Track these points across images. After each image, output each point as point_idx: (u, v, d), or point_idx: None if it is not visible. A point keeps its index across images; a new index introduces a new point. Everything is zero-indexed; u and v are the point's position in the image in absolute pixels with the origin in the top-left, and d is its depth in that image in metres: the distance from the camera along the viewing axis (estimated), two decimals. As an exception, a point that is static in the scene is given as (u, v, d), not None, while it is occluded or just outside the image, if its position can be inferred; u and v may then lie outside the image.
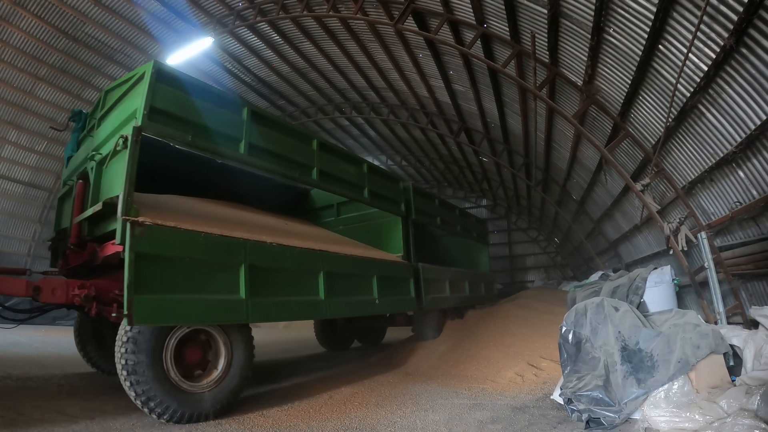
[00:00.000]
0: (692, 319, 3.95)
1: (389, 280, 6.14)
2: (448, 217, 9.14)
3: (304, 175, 5.10)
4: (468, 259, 10.89)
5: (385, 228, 7.16)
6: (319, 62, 12.27)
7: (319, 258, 4.88)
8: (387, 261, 6.29)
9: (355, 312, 5.76)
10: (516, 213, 22.52)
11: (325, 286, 4.84)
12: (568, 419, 3.63)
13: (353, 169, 6.00)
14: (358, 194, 6.12)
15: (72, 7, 9.83)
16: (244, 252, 3.93)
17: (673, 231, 6.18)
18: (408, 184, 7.48)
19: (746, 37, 3.87)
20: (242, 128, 4.28)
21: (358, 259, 5.64)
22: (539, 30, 6.68)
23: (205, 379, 3.80)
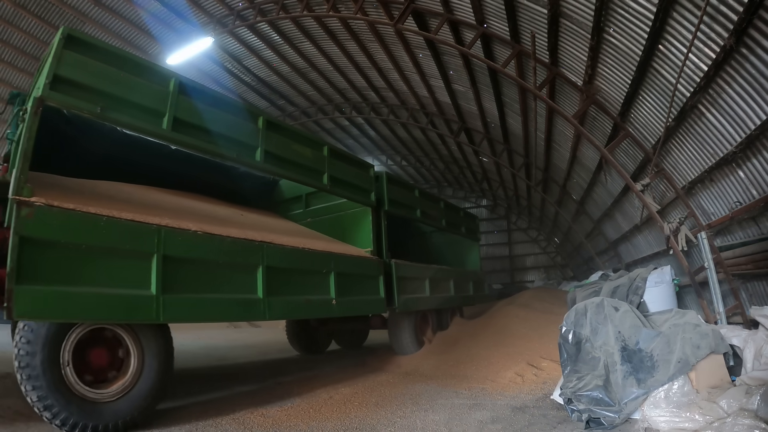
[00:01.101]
0: (692, 319, 3.95)
1: (352, 278, 5.47)
2: (431, 209, 8.35)
3: (244, 156, 4.47)
4: (456, 257, 10.15)
5: (354, 220, 6.43)
6: (319, 62, 12.27)
7: (259, 250, 4.25)
8: (349, 256, 5.57)
9: (303, 314, 5.21)
10: (516, 213, 22.53)
11: (264, 283, 4.21)
12: (568, 419, 3.63)
13: (310, 152, 5.32)
14: (316, 180, 5.39)
15: (72, 7, 9.83)
16: (157, 240, 3.40)
17: (673, 231, 6.18)
18: (381, 171, 6.77)
19: (746, 37, 3.87)
20: (167, 101, 3.77)
21: (311, 253, 4.93)
22: (539, 30, 6.68)
23: (111, 387, 3.29)
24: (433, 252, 9.83)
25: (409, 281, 6.75)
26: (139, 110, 3.61)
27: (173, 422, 3.67)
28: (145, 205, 3.95)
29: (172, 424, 3.62)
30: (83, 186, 3.91)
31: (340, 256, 5.38)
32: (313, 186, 5.58)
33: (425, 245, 10.05)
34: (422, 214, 7.87)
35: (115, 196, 3.94)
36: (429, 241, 10.19)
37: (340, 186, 5.73)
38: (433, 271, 7.65)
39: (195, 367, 6.59)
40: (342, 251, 5.54)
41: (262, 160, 4.61)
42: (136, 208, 3.62)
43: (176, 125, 3.83)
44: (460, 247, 10.30)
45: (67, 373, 3.08)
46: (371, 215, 6.25)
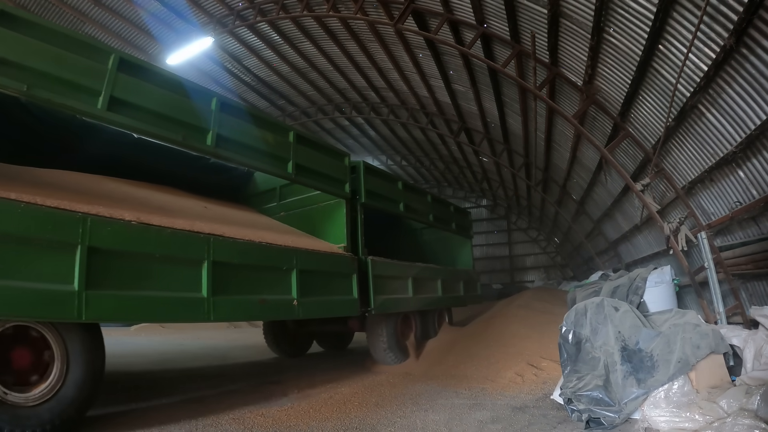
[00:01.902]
0: (692, 319, 3.95)
1: (319, 277, 5.02)
2: (416, 203, 7.77)
3: (193, 139, 4.06)
4: (447, 255, 9.60)
5: (326, 213, 5.93)
6: (319, 62, 12.27)
7: (204, 243, 3.81)
8: (316, 252, 5.09)
9: (256, 316, 4.70)
10: (516, 213, 22.53)
11: (210, 281, 3.79)
12: (568, 419, 3.63)
13: (272, 137, 4.86)
14: (279, 168, 4.95)
15: (72, 7, 9.83)
16: (82, 230, 3.10)
17: (673, 231, 6.18)
18: (359, 161, 6.27)
19: (746, 37, 3.87)
20: (104, 79, 3.48)
21: (268, 247, 4.48)
22: (539, 30, 6.68)
23: (33, 391, 2.99)
24: (423, 250, 9.42)
25: (389, 280, 6.24)
26: (72, 88, 3.32)
27: (173, 422, 3.67)
28: (84, 193, 3.62)
29: (171, 423, 3.62)
30: (23, 173, 3.65)
31: (304, 252, 4.87)
32: (275, 174, 5.12)
33: (415, 243, 9.63)
34: (406, 209, 7.32)
35: (57, 184, 3.60)
36: (419, 239, 9.73)
37: (308, 175, 5.25)
38: (416, 270, 7.07)
39: (195, 367, 6.60)
40: (308, 246, 5.04)
41: (214, 144, 4.19)
42: (68, 195, 3.31)
43: (114, 105, 3.51)
44: (452, 244, 9.74)
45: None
46: (345, 208, 5.73)
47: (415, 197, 7.82)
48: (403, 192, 7.26)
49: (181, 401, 4.38)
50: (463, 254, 9.78)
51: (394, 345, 6.40)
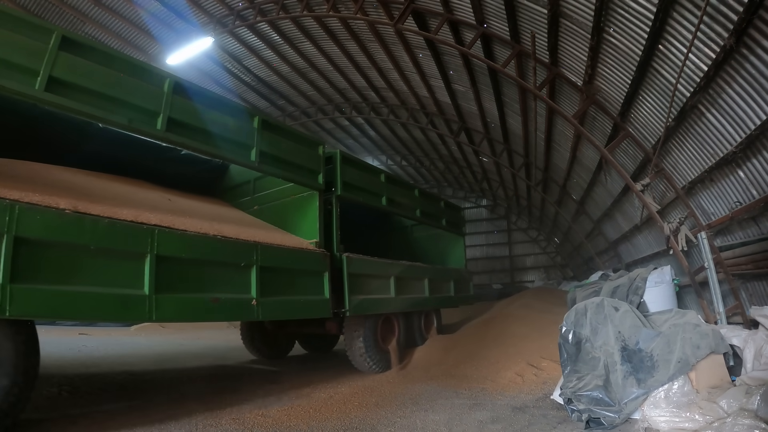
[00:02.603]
0: (692, 319, 3.95)
1: (285, 274, 4.66)
2: (401, 197, 7.26)
3: (140, 123, 3.76)
4: (438, 253, 9.17)
5: (299, 207, 5.54)
6: (319, 62, 12.28)
7: (148, 235, 3.50)
8: (280, 247, 4.70)
9: (207, 316, 4.12)
10: (516, 213, 22.53)
11: (154, 276, 3.48)
12: (568, 419, 3.63)
13: (233, 122, 4.51)
14: (241, 156, 4.59)
15: (72, 7, 9.83)
16: (9, 218, 2.87)
17: (673, 231, 6.18)
18: (335, 151, 5.87)
19: (746, 37, 3.87)
20: (43, 58, 3.29)
21: (224, 241, 4.08)
22: (539, 30, 6.68)
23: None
24: (414, 248, 9.05)
25: (367, 279, 5.84)
26: (6, 67, 3.12)
27: (173, 421, 3.67)
28: (24, 181, 3.42)
29: (171, 423, 3.62)
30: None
31: (267, 247, 4.49)
32: (236, 162, 4.78)
33: (405, 240, 9.28)
34: (390, 203, 6.84)
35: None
36: (409, 236, 9.34)
37: (275, 164, 4.89)
38: (399, 268, 6.61)
39: (195, 367, 6.59)
40: (272, 241, 4.67)
41: (164, 128, 3.87)
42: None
43: (53, 85, 3.30)
44: (443, 242, 9.27)
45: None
46: (318, 201, 5.36)
47: (401, 191, 7.37)
48: (386, 185, 6.83)
49: (181, 401, 4.38)
50: (455, 252, 9.34)
51: (372, 350, 5.94)
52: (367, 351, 5.87)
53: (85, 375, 5.39)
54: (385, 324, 6.43)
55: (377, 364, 5.97)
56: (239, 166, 5.05)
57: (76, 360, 6.28)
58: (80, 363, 5.96)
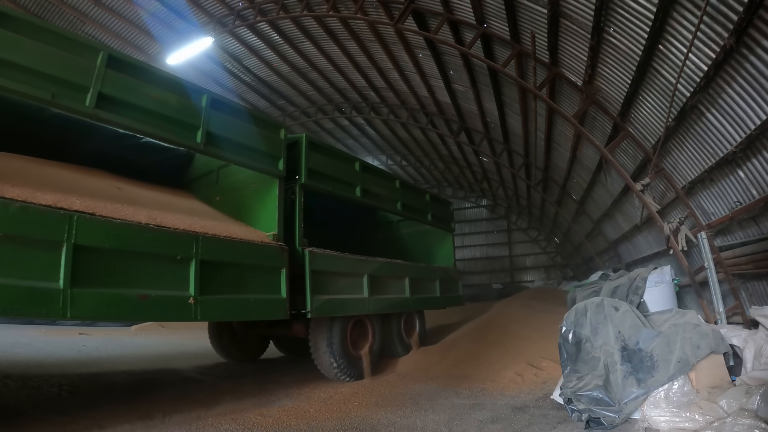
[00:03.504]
0: (692, 319, 3.95)
1: (231, 270, 4.20)
2: (379, 188, 6.70)
3: (66, 99, 3.38)
4: (425, 250, 8.59)
5: (259, 196, 5.07)
6: (319, 62, 12.27)
7: (65, 222, 3.14)
8: (225, 239, 4.21)
9: (133, 314, 3.67)
10: (516, 213, 22.53)
11: (70, 268, 3.11)
12: (568, 419, 3.63)
13: (176, 99, 4.09)
14: (184, 137, 4.15)
15: (72, 7, 9.83)
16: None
17: (673, 231, 6.18)
18: (300, 135, 5.40)
19: (746, 37, 3.87)
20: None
21: (156, 231, 3.66)
22: (539, 30, 6.68)
23: None
24: (400, 245, 8.59)
25: (334, 277, 5.36)
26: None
27: (173, 421, 3.67)
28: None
29: (171, 423, 3.62)
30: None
31: (209, 239, 4.01)
32: (176, 144, 4.28)
33: (391, 237, 8.82)
34: (365, 194, 6.28)
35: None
36: (396, 233, 8.83)
37: (225, 147, 4.46)
38: (374, 266, 6.07)
39: (194, 366, 6.59)
40: (217, 232, 4.19)
41: (93, 104, 3.50)
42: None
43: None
44: (430, 238, 8.71)
45: None
46: (278, 189, 4.90)
47: (378, 181, 6.79)
48: (361, 174, 6.29)
49: (182, 401, 4.38)
50: (444, 250, 8.77)
51: (341, 356, 5.41)
52: (333, 357, 5.34)
53: (85, 375, 5.39)
54: (356, 327, 5.90)
55: (346, 372, 5.44)
56: (182, 148, 4.56)
57: (76, 360, 6.28)
58: (80, 363, 5.96)
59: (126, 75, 3.76)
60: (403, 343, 6.84)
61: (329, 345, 5.34)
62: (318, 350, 5.39)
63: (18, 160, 3.89)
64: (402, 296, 6.65)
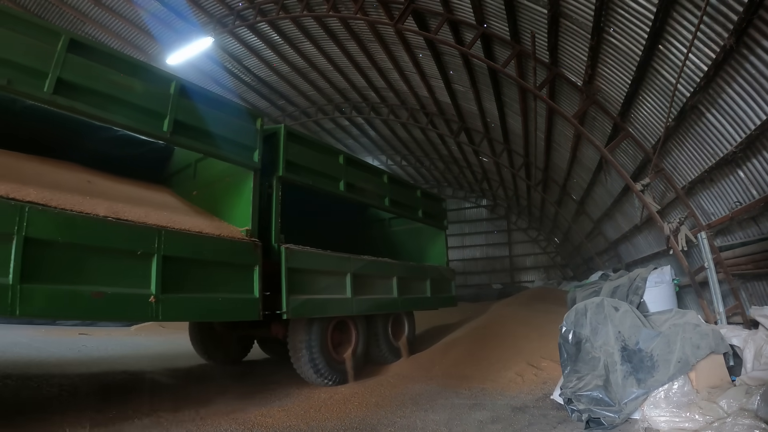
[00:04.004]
0: (692, 319, 3.95)
1: (197, 267, 3.96)
2: (365, 183, 6.37)
3: (20, 83, 3.22)
4: (417, 249, 8.32)
5: (233, 189, 4.83)
6: (319, 62, 12.28)
7: (14, 214, 2.97)
8: (192, 234, 3.97)
9: (87, 313, 3.47)
10: (516, 213, 22.53)
11: (20, 263, 2.95)
12: (568, 419, 3.63)
13: (142, 86, 3.86)
14: (149, 125, 3.94)
15: (72, 7, 9.83)
16: None
17: (673, 231, 6.18)
18: (278, 126, 5.15)
19: (746, 37, 3.87)
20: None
21: (113, 224, 3.45)
22: (539, 30, 6.68)
23: None
24: (392, 243, 8.36)
25: (313, 276, 5.09)
26: None
27: (173, 421, 3.67)
28: None
29: (171, 423, 3.62)
30: None
31: (173, 234, 3.78)
32: (140, 133, 4.05)
33: (383, 235, 8.59)
34: (350, 188, 5.97)
35: None
36: (387, 231, 8.59)
37: (195, 137, 4.23)
38: (358, 264, 5.77)
39: (194, 366, 6.59)
40: (183, 226, 3.95)
41: (51, 90, 3.34)
42: None
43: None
44: (422, 237, 8.41)
45: None
46: (253, 182, 4.67)
47: (365, 176, 6.48)
48: (345, 168, 5.97)
49: (182, 401, 4.38)
50: (436, 248, 8.42)
51: (321, 359, 5.13)
52: (313, 360, 5.06)
53: (85, 375, 5.39)
54: (339, 329, 5.64)
55: (327, 377, 5.17)
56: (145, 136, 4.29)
57: (76, 360, 6.28)
58: (80, 363, 5.96)
59: (90, 60, 3.57)
60: (390, 346, 6.51)
61: (308, 348, 5.05)
62: (296, 353, 5.09)
63: None
64: (389, 296, 6.36)
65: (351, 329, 5.81)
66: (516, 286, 20.35)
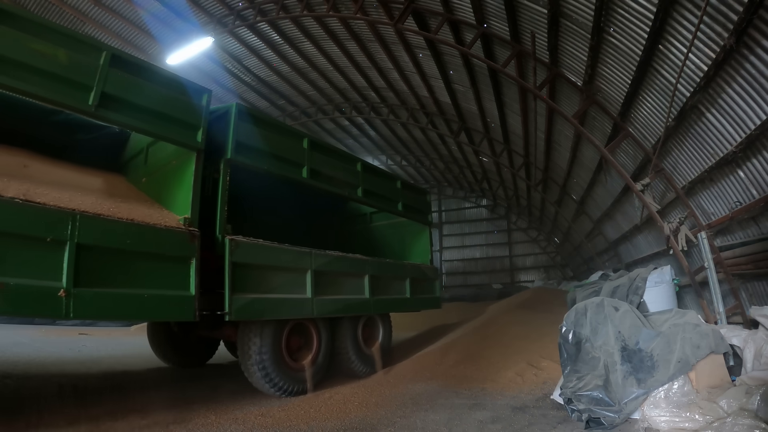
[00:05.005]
0: (692, 319, 3.95)
1: (120, 257, 3.46)
2: (332, 170, 5.73)
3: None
4: (401, 245, 7.72)
5: (176, 173, 4.31)
6: (319, 62, 12.28)
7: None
8: (113, 221, 3.46)
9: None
10: (516, 213, 22.53)
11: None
12: (568, 419, 3.63)
13: (66, 56, 3.42)
14: (71, 98, 3.47)
15: (72, 7, 9.83)
16: None
17: (673, 231, 6.18)
18: (231, 104, 4.66)
19: (746, 37, 3.87)
20: None
21: (18, 206, 3.02)
22: (539, 30, 6.68)
23: None
24: (374, 239, 7.84)
25: (266, 272, 4.54)
26: None
27: (173, 421, 3.67)
28: None
29: (171, 423, 3.62)
30: None
31: (91, 219, 3.31)
32: (60, 106, 3.59)
33: (365, 231, 8.07)
34: (314, 176, 5.37)
35: None
36: (368, 225, 8.04)
37: (126, 112, 3.74)
38: (321, 260, 5.15)
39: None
40: (105, 212, 3.49)
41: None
42: None
43: None
44: (404, 232, 7.77)
45: None
46: (195, 165, 4.14)
47: (333, 162, 5.82)
48: (310, 153, 5.35)
49: (182, 401, 4.38)
50: (420, 245, 7.73)
51: (274, 367, 4.53)
52: (264, 368, 4.48)
53: (85, 375, 5.39)
54: (297, 334, 5.03)
55: (281, 386, 4.59)
56: (66, 110, 3.81)
57: (76, 360, 6.28)
58: (80, 363, 5.96)
59: (9, 27, 3.19)
60: (360, 354, 5.79)
61: (258, 353, 4.47)
62: (245, 359, 4.52)
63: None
64: (359, 297, 5.73)
65: (312, 334, 5.19)
66: (516, 286, 20.35)
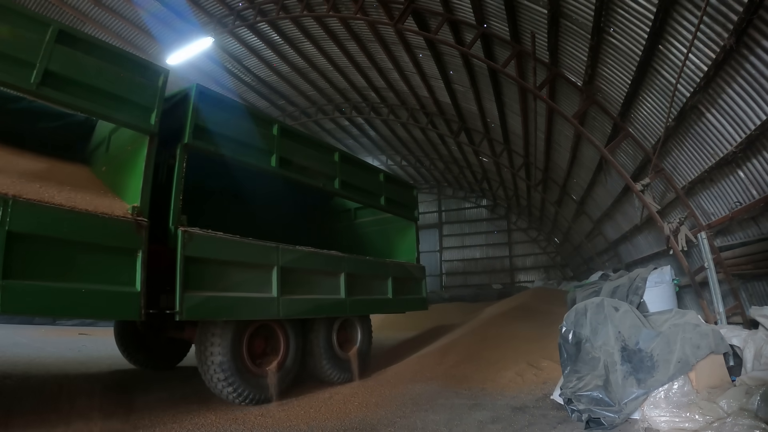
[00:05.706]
0: (692, 319, 3.95)
1: (59, 248, 3.14)
2: (307, 160, 5.33)
3: None
4: (386, 243, 7.32)
5: (129, 159, 3.97)
6: (319, 62, 12.29)
7: None
8: (50, 207, 3.15)
9: None
10: (516, 213, 22.54)
11: None
12: (568, 419, 3.63)
13: (5, 30, 3.15)
14: (13, 77, 3.17)
15: (72, 7, 9.83)
16: None
17: (673, 231, 6.18)
18: (191, 85, 4.31)
19: (746, 37, 3.87)
20: None
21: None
22: (539, 30, 6.68)
23: None
24: (359, 236, 7.50)
25: (225, 268, 4.14)
26: None
27: (173, 421, 3.67)
28: None
29: (172, 423, 3.62)
30: None
31: (25, 205, 3.01)
32: (3, 85, 3.27)
33: (348, 227, 7.73)
34: (284, 164, 4.97)
35: None
36: (352, 222, 7.70)
37: (69, 90, 3.43)
38: (290, 256, 4.72)
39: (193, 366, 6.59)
40: (43, 198, 3.19)
41: None
42: None
43: None
44: (389, 229, 7.35)
45: None
46: (147, 149, 3.80)
47: (307, 151, 5.39)
48: (279, 139, 4.95)
49: (182, 401, 4.38)
50: (405, 242, 7.30)
51: (233, 372, 4.14)
52: (222, 372, 4.09)
53: (85, 375, 5.39)
54: (261, 336, 4.61)
55: (241, 393, 4.18)
56: (8, 90, 3.53)
57: (76, 360, 6.27)
58: (80, 363, 5.95)
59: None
60: (334, 358, 5.33)
61: (217, 356, 4.10)
62: (202, 362, 4.16)
63: None
64: (334, 297, 5.31)
65: (279, 337, 4.75)
66: (516, 286, 20.36)
